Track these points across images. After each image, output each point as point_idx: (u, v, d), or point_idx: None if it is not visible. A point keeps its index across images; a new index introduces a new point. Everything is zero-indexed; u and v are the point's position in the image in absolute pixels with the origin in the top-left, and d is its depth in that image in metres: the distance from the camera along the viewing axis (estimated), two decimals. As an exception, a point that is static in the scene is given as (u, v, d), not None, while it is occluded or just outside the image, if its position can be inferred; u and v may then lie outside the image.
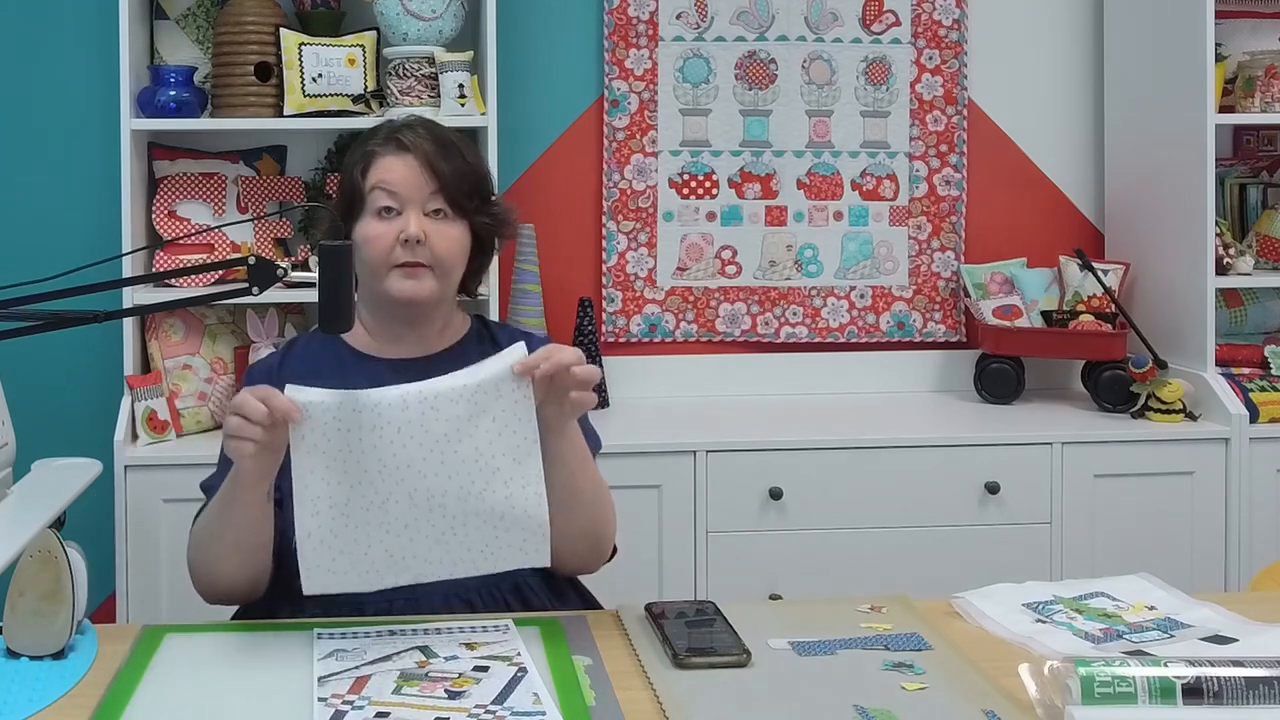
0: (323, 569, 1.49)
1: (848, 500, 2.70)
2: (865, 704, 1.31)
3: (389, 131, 1.80)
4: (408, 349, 1.79)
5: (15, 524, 1.93)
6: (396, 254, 1.72)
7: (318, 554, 1.49)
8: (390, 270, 1.73)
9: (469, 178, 1.78)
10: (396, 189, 1.74)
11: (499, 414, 1.51)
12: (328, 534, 1.49)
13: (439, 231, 1.74)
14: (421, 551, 1.51)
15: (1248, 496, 2.78)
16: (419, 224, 1.73)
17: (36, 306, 1.44)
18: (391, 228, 1.73)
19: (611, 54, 3.14)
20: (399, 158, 1.75)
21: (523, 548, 1.53)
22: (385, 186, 1.74)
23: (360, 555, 1.50)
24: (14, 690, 1.36)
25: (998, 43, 3.25)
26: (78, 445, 2.45)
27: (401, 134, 1.78)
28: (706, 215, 3.18)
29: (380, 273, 1.74)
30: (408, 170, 1.74)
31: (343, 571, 1.50)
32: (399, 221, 1.73)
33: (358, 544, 1.50)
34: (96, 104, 2.94)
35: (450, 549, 1.52)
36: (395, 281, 1.73)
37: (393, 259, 1.73)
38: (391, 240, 1.72)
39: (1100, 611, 1.58)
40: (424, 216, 1.74)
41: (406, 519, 1.50)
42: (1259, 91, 2.99)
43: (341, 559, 1.50)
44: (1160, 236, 3.05)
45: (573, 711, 1.30)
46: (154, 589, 2.57)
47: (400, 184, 1.74)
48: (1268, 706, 1.20)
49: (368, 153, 1.78)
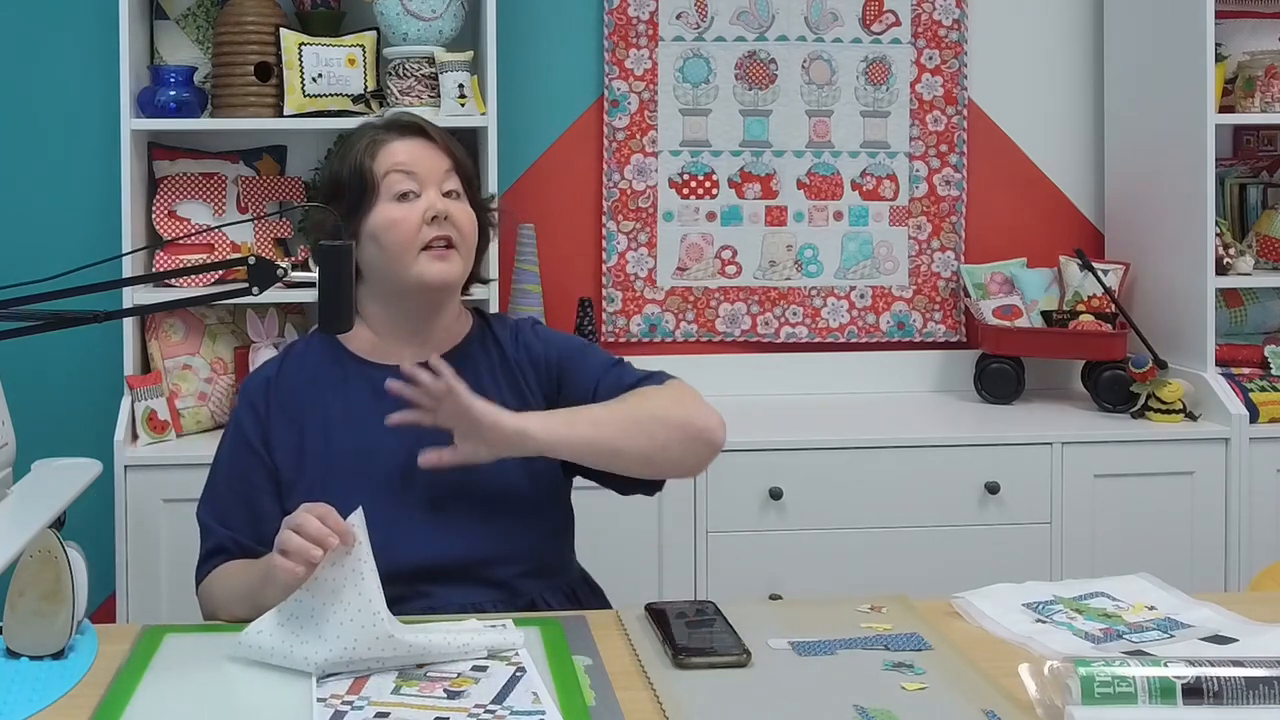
0: (264, 635, 1.44)
1: (848, 500, 2.70)
2: (865, 704, 1.31)
3: (386, 122, 1.79)
4: (413, 351, 1.75)
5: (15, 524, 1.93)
6: (424, 234, 1.70)
7: (266, 623, 1.45)
8: (419, 254, 1.70)
9: (469, 164, 1.79)
10: (414, 169, 1.72)
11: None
12: (286, 619, 1.44)
13: (459, 209, 1.74)
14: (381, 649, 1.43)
15: (1248, 496, 2.78)
16: (442, 200, 1.72)
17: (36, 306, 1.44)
18: (415, 208, 1.70)
19: (611, 54, 3.14)
20: (409, 141, 1.74)
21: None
22: (402, 168, 1.72)
23: (299, 645, 1.43)
24: (14, 690, 1.36)
25: (998, 43, 3.25)
26: (78, 445, 2.45)
27: (402, 119, 1.78)
28: (706, 215, 3.18)
29: (407, 258, 1.70)
30: (422, 151, 1.73)
31: (274, 651, 1.44)
32: (420, 202, 1.71)
33: (303, 646, 1.42)
34: (96, 104, 2.94)
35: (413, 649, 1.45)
36: (425, 265, 1.70)
37: (420, 239, 1.70)
38: (417, 221, 1.70)
39: (1100, 611, 1.58)
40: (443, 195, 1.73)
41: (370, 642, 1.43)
42: (1259, 91, 2.99)
43: (281, 641, 1.44)
44: (1160, 236, 3.05)
45: (573, 711, 1.30)
46: (154, 589, 2.57)
47: (417, 164, 1.72)
48: (1268, 706, 1.20)
49: (374, 140, 1.75)
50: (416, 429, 1.67)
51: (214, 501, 1.74)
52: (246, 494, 1.71)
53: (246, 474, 1.72)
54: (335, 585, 1.43)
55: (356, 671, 1.40)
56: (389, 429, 1.69)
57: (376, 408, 1.70)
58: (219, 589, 1.68)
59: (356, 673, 1.39)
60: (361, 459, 1.70)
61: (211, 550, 1.72)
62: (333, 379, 1.75)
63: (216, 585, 1.69)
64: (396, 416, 1.64)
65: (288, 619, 1.44)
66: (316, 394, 1.74)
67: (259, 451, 1.72)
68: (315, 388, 1.75)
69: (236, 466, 1.73)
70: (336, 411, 1.73)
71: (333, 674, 1.39)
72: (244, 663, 1.44)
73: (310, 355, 1.78)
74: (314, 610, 1.43)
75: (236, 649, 1.46)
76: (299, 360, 1.79)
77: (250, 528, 1.69)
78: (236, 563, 1.68)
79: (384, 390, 1.66)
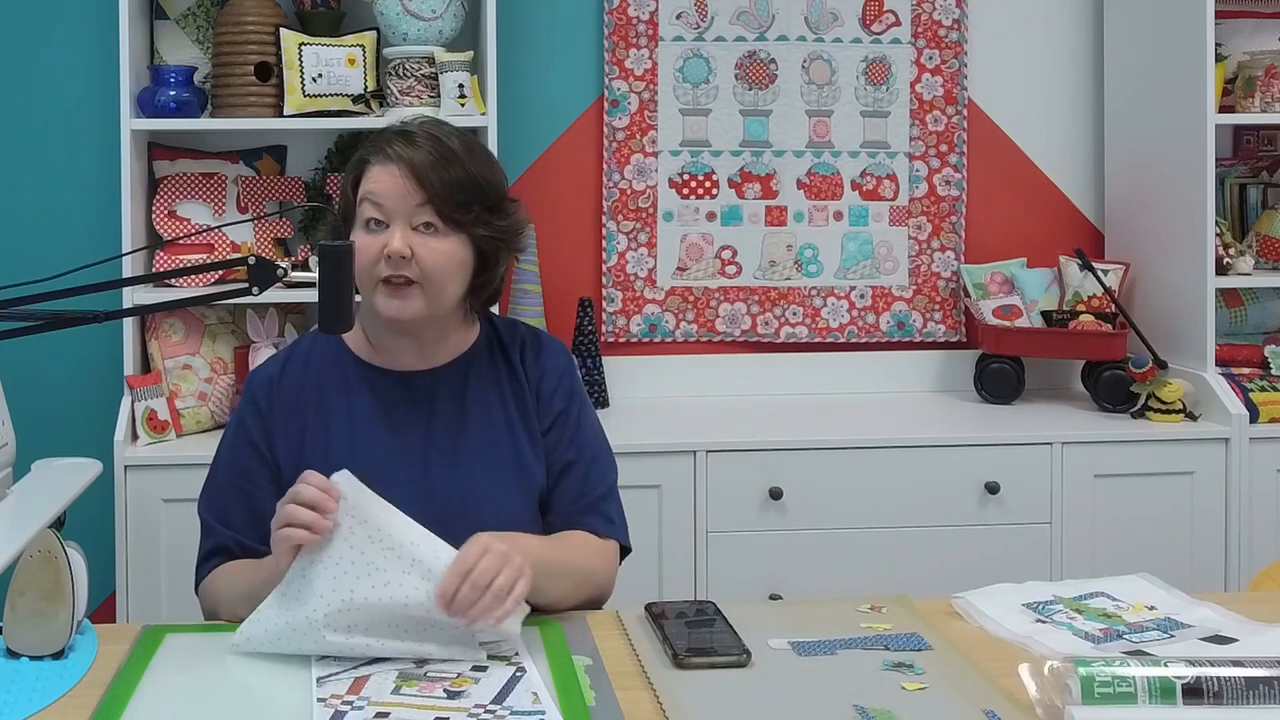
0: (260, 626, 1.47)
1: (848, 500, 2.70)
2: (865, 704, 1.31)
3: (385, 138, 1.72)
4: (409, 361, 1.74)
5: (15, 524, 1.93)
6: (380, 269, 1.65)
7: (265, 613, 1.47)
8: (376, 286, 1.67)
9: (466, 188, 1.67)
10: (382, 201, 1.66)
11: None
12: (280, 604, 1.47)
13: (427, 246, 1.65)
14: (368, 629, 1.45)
15: (1248, 496, 2.78)
16: (404, 239, 1.64)
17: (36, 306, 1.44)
18: (377, 241, 1.65)
19: (611, 54, 3.14)
20: (385, 168, 1.67)
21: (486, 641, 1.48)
22: (372, 198, 1.66)
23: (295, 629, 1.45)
24: (14, 690, 1.36)
25: (998, 43, 3.25)
26: (78, 445, 2.45)
27: (393, 143, 1.68)
28: (706, 215, 3.18)
29: (367, 288, 1.68)
30: (393, 182, 1.66)
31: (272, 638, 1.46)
32: (384, 235, 1.66)
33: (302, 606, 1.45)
34: (96, 104, 2.94)
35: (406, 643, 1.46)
36: (381, 300, 1.67)
37: (377, 273, 1.66)
38: (376, 254, 1.65)
39: (1100, 611, 1.58)
40: (413, 230, 1.65)
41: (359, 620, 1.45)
42: (1259, 91, 2.99)
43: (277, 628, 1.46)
44: (1160, 236, 3.04)
45: (573, 711, 1.30)
46: (154, 589, 2.57)
47: (386, 196, 1.66)
48: (1268, 706, 1.20)
49: (360, 160, 1.72)
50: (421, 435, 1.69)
51: (215, 499, 1.74)
52: (248, 492, 1.71)
53: (248, 472, 1.72)
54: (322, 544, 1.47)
55: (357, 661, 1.40)
56: (390, 431, 1.69)
57: (378, 410, 1.70)
58: (221, 588, 1.69)
59: (358, 667, 1.40)
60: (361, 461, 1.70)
61: (212, 550, 1.72)
62: (336, 380, 1.75)
63: (218, 584, 1.69)
64: None
65: (279, 597, 1.47)
66: (319, 394, 1.74)
67: (261, 450, 1.72)
68: (318, 388, 1.75)
69: (238, 464, 1.73)
70: (339, 413, 1.73)
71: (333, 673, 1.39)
72: (244, 663, 1.45)
73: (314, 354, 1.78)
74: (304, 570, 1.47)
75: (238, 645, 1.47)
76: (304, 359, 1.78)
77: (252, 527, 1.69)
78: (238, 562, 1.69)
79: (385, 393, 1.66)
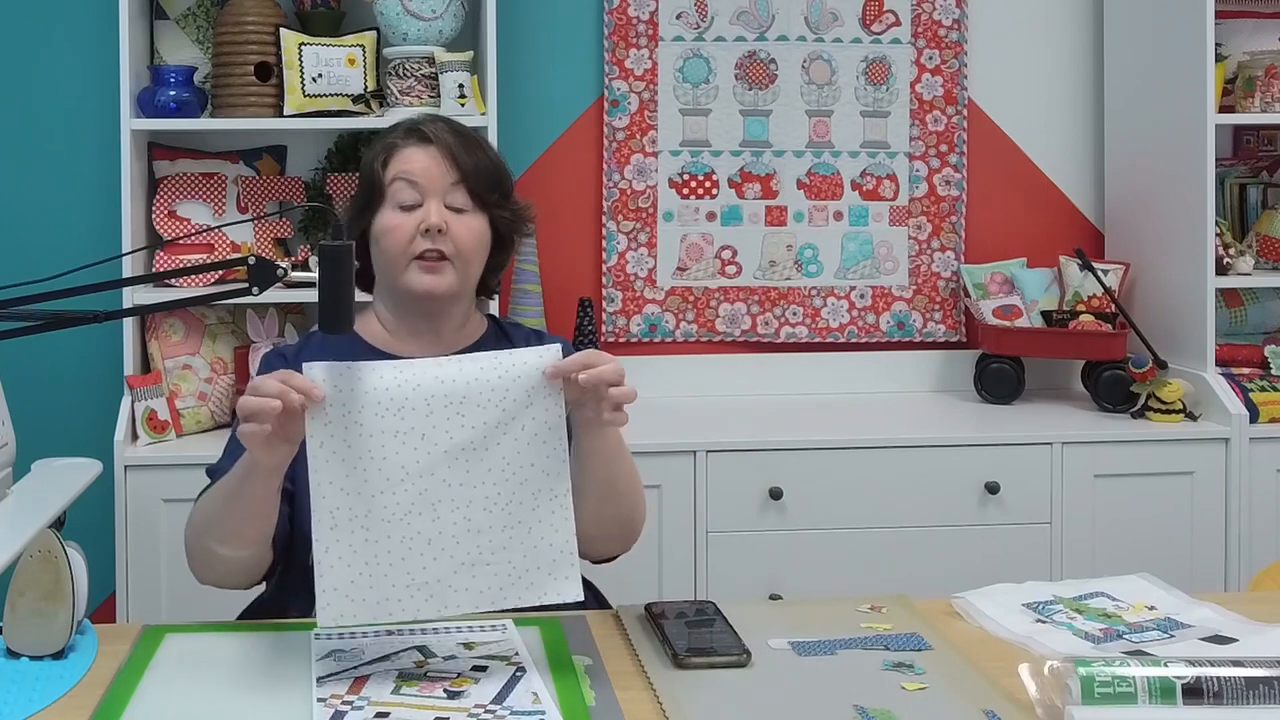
0: (340, 594, 1.39)
1: (848, 500, 2.70)
2: (865, 704, 1.31)
3: (410, 125, 1.80)
4: (425, 346, 1.78)
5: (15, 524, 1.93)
6: (417, 244, 1.72)
7: (336, 574, 1.39)
8: (410, 263, 1.73)
9: (490, 172, 1.78)
10: (418, 179, 1.73)
11: (529, 422, 1.43)
12: (346, 549, 1.39)
13: (460, 222, 1.74)
14: (446, 576, 1.40)
15: (1248, 496, 2.78)
16: (440, 214, 1.72)
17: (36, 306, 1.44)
18: (412, 218, 1.73)
19: (611, 54, 3.14)
20: (421, 149, 1.76)
21: (553, 574, 1.43)
22: (406, 177, 1.74)
23: (380, 578, 1.39)
24: (14, 690, 1.36)
25: (998, 43, 3.25)
26: (78, 445, 2.45)
27: (424, 126, 1.78)
28: (706, 215, 3.18)
29: (399, 265, 1.73)
30: (430, 161, 1.74)
31: (361, 599, 1.39)
32: (419, 212, 1.73)
33: (378, 563, 1.39)
34: (96, 104, 2.94)
35: (478, 577, 1.41)
36: (415, 275, 1.73)
37: (412, 250, 1.72)
38: (412, 231, 1.72)
39: (1100, 611, 1.58)
40: (445, 208, 1.74)
41: (430, 534, 1.40)
42: (1259, 91, 2.99)
43: (361, 581, 1.39)
44: (1160, 236, 3.05)
45: (572, 711, 1.30)
46: (154, 589, 2.57)
47: (421, 174, 1.74)
48: (1268, 706, 1.20)
49: (389, 144, 1.78)
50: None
51: (224, 459, 1.69)
52: None
53: None
54: (349, 455, 1.40)
55: (357, 661, 1.40)
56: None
57: None
58: (199, 513, 1.63)
59: (358, 667, 1.40)
60: None
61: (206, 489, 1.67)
62: None
63: (197, 510, 1.64)
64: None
65: (346, 535, 1.39)
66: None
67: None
68: None
69: None
70: None
71: (333, 673, 1.39)
72: (244, 663, 1.44)
73: (328, 345, 1.79)
74: (360, 487, 1.39)
75: (335, 620, 1.39)
76: (317, 349, 1.79)
77: None
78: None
79: None
